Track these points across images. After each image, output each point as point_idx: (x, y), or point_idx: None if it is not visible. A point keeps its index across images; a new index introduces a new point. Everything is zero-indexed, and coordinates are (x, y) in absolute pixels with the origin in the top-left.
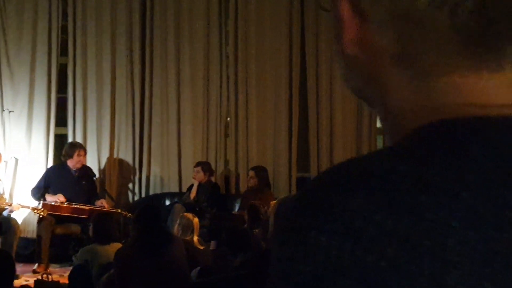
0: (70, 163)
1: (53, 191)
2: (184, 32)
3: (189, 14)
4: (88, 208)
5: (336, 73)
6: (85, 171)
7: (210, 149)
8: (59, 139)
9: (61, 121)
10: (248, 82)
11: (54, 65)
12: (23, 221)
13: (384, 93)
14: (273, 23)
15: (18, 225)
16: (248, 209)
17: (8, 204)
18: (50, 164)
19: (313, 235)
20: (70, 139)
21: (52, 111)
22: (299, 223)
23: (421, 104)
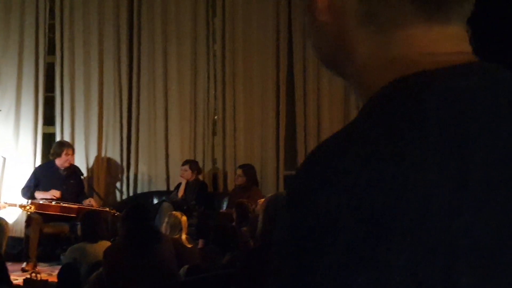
0: (58, 162)
1: (42, 190)
2: (172, 30)
3: (176, 12)
4: (76, 207)
5: (324, 70)
6: (73, 170)
7: (197, 147)
8: (47, 137)
9: (49, 120)
10: (235, 80)
11: (41, 63)
12: (11, 220)
13: (352, 52)
14: (260, 21)
15: (7, 224)
16: (236, 207)
17: None
18: (38, 163)
19: (315, 195)
20: (58, 138)
21: (39, 109)
22: (304, 186)
23: (382, 57)
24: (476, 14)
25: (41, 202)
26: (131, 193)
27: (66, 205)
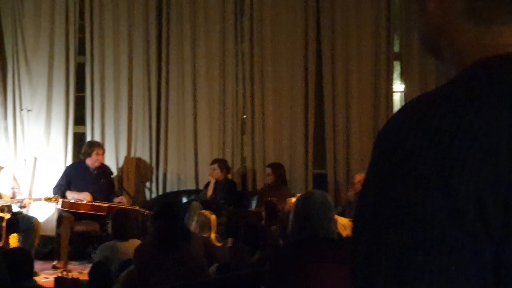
0: (88, 161)
1: (73, 189)
2: (200, 30)
3: (205, 12)
4: (106, 205)
5: (353, 69)
6: (103, 169)
7: (226, 146)
8: (77, 137)
9: (79, 119)
10: (264, 79)
11: (72, 64)
12: (43, 219)
13: (452, 40)
14: (288, 19)
15: (39, 223)
16: (265, 206)
17: (19, 201)
18: (69, 162)
19: (406, 133)
20: (88, 137)
21: (70, 109)
22: (397, 124)
23: (478, 46)
24: None
25: (72, 201)
26: (160, 192)
27: (97, 203)
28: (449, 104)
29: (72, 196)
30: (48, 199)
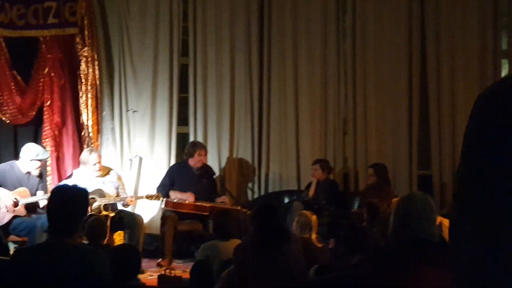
0: (191, 161)
1: (177, 189)
2: (302, 29)
3: (306, 12)
4: (209, 205)
5: (459, 70)
6: (205, 169)
7: (328, 147)
8: (181, 137)
9: (183, 120)
10: (366, 78)
11: (175, 65)
12: (148, 218)
13: None
14: (392, 18)
15: (142, 221)
16: (367, 207)
17: (122, 199)
18: (173, 162)
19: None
20: (191, 137)
21: (174, 110)
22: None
23: None
24: None
25: (175, 201)
26: (262, 193)
27: (199, 203)
28: None
29: (175, 195)
30: (149, 197)
